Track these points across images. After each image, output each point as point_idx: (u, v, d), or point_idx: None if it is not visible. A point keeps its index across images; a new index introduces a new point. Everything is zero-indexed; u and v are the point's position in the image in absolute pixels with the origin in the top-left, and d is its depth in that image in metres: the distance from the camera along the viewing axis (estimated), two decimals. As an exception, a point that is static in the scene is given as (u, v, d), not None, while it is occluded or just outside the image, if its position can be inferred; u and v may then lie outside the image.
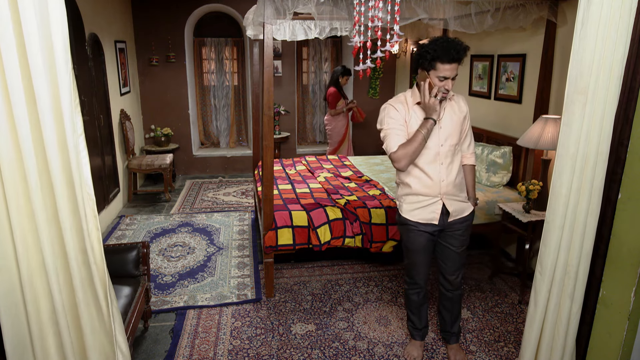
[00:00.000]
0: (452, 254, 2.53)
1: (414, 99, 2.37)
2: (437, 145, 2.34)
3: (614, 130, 1.92)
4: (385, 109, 2.40)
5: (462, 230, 2.48)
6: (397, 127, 2.35)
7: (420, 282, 2.58)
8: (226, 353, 2.77)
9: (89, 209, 1.74)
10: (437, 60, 2.18)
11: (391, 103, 2.40)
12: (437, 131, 2.34)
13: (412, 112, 2.36)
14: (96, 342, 1.79)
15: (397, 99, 2.41)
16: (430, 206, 2.40)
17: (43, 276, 1.66)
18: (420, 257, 2.50)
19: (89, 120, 4.32)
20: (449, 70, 2.20)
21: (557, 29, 3.46)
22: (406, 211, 2.44)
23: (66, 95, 1.58)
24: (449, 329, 2.75)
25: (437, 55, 2.17)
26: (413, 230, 2.45)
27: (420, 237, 2.45)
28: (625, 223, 2.02)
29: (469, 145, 2.53)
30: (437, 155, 2.35)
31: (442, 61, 2.17)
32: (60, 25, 1.53)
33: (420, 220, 2.42)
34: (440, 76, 2.21)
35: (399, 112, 2.35)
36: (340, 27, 4.15)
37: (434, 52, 2.17)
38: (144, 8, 6.24)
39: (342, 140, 6.07)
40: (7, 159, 1.54)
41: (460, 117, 2.41)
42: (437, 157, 2.35)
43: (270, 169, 3.22)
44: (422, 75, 2.29)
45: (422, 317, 2.71)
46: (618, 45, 1.78)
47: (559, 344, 2.10)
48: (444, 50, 2.15)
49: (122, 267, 2.73)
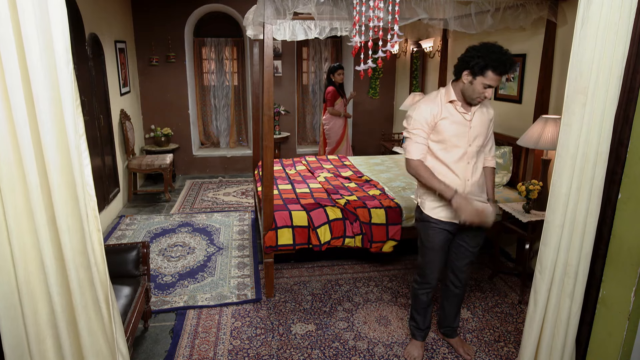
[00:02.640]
0: (466, 252, 2.58)
1: (448, 97, 2.34)
2: (466, 145, 2.36)
3: (614, 130, 1.92)
4: (418, 109, 2.36)
5: (481, 229, 2.49)
6: (423, 134, 2.36)
7: (432, 282, 2.60)
8: (226, 353, 2.77)
9: (90, 210, 1.73)
10: (489, 69, 2.18)
11: (425, 103, 2.36)
12: (467, 131, 2.35)
13: (444, 110, 2.33)
14: (94, 345, 1.78)
15: (432, 99, 2.37)
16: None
17: (41, 278, 1.65)
18: (437, 256, 2.53)
19: (89, 121, 4.32)
20: (496, 81, 2.22)
21: (557, 29, 3.46)
22: (429, 209, 2.46)
23: (67, 96, 1.57)
24: (451, 324, 2.79)
25: (491, 64, 2.17)
26: (434, 228, 2.46)
27: (440, 235, 2.47)
28: (625, 223, 2.02)
29: (491, 149, 2.55)
30: (464, 154, 2.37)
31: (494, 71, 2.18)
32: (60, 26, 1.53)
33: (442, 218, 2.44)
34: (486, 84, 2.22)
35: (430, 113, 2.33)
36: (340, 27, 4.15)
37: (489, 60, 2.16)
38: (144, 8, 6.24)
39: (340, 140, 6.07)
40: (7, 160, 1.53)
41: (487, 119, 2.43)
42: (465, 156, 2.37)
43: (270, 169, 3.22)
44: (465, 79, 2.27)
45: (427, 317, 2.73)
46: (618, 45, 1.78)
47: (559, 343, 2.10)
48: (499, 62, 2.16)
49: (122, 267, 2.73)
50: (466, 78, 2.26)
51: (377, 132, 7.32)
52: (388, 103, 7.39)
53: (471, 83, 2.25)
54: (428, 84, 5.97)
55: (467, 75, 2.25)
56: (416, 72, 6.30)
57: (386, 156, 5.47)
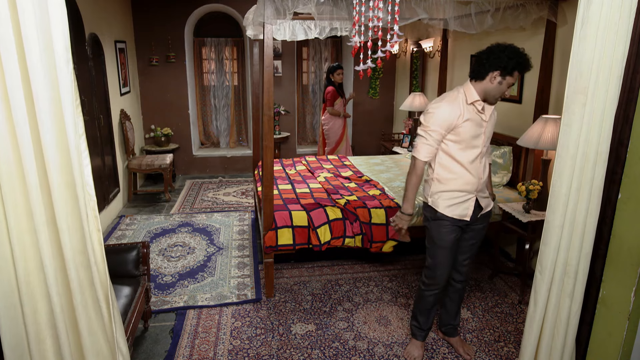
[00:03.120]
0: (469, 247, 2.63)
1: (471, 97, 2.35)
2: (482, 145, 2.41)
3: (614, 130, 1.92)
4: (440, 108, 2.35)
5: (484, 224, 2.60)
6: (438, 136, 2.37)
7: (441, 283, 2.61)
8: (226, 353, 2.77)
9: (90, 210, 1.73)
10: (517, 70, 2.29)
11: (448, 102, 2.36)
12: (483, 131, 2.41)
13: (466, 112, 2.34)
14: (94, 345, 1.78)
15: (454, 99, 2.37)
16: (466, 202, 2.46)
17: (41, 278, 1.65)
18: (449, 255, 2.56)
19: (89, 120, 4.32)
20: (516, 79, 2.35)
21: (557, 29, 3.46)
22: (443, 207, 2.46)
23: (67, 96, 1.57)
24: (452, 322, 2.81)
25: (519, 66, 2.28)
26: (447, 227, 2.49)
27: (453, 234, 2.51)
28: (625, 223, 2.02)
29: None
30: (480, 154, 2.42)
31: (520, 72, 2.31)
32: (60, 26, 1.53)
33: (455, 216, 2.47)
34: (511, 83, 2.33)
35: (453, 114, 2.33)
36: (340, 27, 4.15)
37: (518, 63, 2.27)
38: (144, 8, 6.24)
39: (340, 140, 6.06)
40: (7, 160, 1.53)
41: (495, 119, 2.51)
42: (479, 156, 2.42)
43: (270, 169, 3.22)
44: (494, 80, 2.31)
45: (430, 318, 2.74)
46: (618, 45, 1.78)
47: (559, 343, 2.10)
48: (524, 64, 2.30)
49: (122, 267, 2.73)
50: (495, 79, 2.30)
51: (377, 132, 7.32)
52: (388, 103, 7.40)
53: (500, 83, 2.30)
54: (428, 84, 5.97)
55: (497, 76, 2.29)
56: (416, 72, 6.30)
57: (386, 156, 5.47)
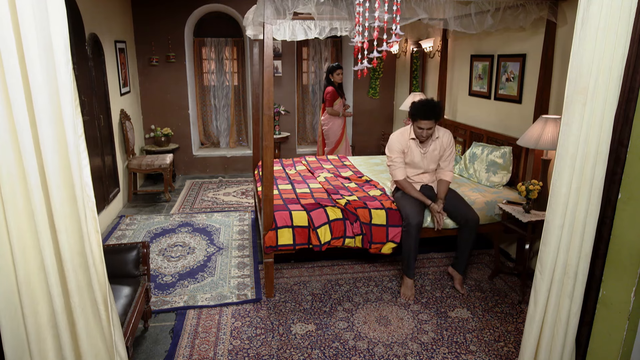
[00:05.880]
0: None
1: (410, 135, 3.47)
2: (423, 168, 3.59)
3: (614, 130, 1.92)
4: (394, 143, 3.50)
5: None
6: (400, 159, 3.50)
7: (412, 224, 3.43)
8: (226, 353, 2.77)
9: (89, 211, 1.73)
10: (417, 117, 3.31)
11: (397, 137, 3.51)
12: (422, 159, 3.52)
13: (408, 144, 3.48)
14: (92, 348, 1.77)
15: (402, 134, 3.51)
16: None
17: (42, 278, 1.65)
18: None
19: (89, 120, 4.32)
20: (425, 124, 3.30)
21: (557, 29, 3.46)
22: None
23: (67, 96, 1.57)
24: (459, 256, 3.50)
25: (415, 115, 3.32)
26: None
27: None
28: (625, 223, 2.02)
29: (447, 165, 3.53)
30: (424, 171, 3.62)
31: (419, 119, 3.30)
32: (60, 25, 1.53)
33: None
34: (419, 127, 3.34)
35: (401, 145, 3.48)
36: (340, 27, 4.15)
37: (414, 113, 3.31)
38: (144, 8, 6.24)
39: (339, 140, 6.06)
40: (7, 160, 1.53)
41: (442, 148, 3.50)
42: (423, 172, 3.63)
43: (270, 169, 3.22)
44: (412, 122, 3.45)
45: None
46: (618, 45, 1.78)
47: (559, 343, 2.10)
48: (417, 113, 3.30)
49: (122, 267, 2.73)
50: (411, 122, 3.42)
51: (377, 132, 7.32)
52: (388, 103, 7.40)
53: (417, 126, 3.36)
54: (428, 84, 5.97)
55: (410, 121, 3.43)
56: (416, 72, 6.30)
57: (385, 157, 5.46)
